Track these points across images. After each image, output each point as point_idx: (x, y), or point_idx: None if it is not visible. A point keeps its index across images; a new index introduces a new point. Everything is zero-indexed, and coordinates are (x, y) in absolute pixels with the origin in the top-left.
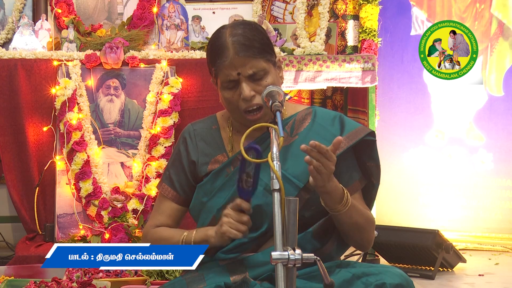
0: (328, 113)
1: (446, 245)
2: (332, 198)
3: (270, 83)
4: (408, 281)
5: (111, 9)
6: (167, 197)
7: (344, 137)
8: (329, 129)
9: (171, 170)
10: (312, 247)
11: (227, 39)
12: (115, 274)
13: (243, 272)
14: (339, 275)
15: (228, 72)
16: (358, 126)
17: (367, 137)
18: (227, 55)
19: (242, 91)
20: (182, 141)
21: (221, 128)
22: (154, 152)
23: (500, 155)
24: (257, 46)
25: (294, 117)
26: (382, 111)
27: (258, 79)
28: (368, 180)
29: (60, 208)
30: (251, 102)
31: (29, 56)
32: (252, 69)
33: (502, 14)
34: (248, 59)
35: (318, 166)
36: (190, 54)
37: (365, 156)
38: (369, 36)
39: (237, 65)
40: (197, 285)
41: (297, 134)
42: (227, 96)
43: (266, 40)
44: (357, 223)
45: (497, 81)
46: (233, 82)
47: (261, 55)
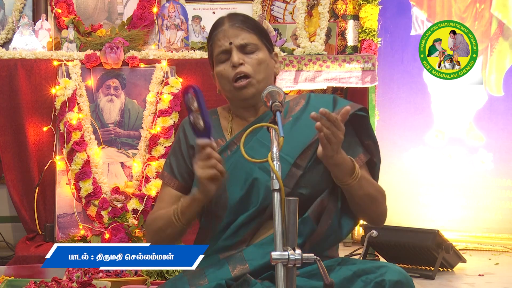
0: (323, 96)
1: (446, 245)
2: (341, 170)
3: (261, 58)
4: (408, 278)
5: (111, 9)
6: (167, 185)
7: (335, 112)
8: (322, 108)
9: (171, 157)
10: (309, 230)
11: (224, 17)
12: (115, 274)
13: (244, 266)
14: (339, 273)
15: (221, 43)
16: (350, 102)
17: (358, 112)
18: (222, 27)
19: (232, 57)
20: (181, 129)
21: (220, 117)
22: (154, 152)
23: (500, 155)
24: (251, 23)
25: (288, 103)
26: (382, 111)
27: (249, 52)
28: (370, 156)
29: (60, 208)
30: (239, 69)
31: (29, 56)
32: (244, 40)
33: (502, 14)
34: (241, 31)
35: (328, 134)
36: (190, 54)
37: (361, 135)
38: (369, 36)
39: (230, 35)
40: (198, 281)
41: (290, 116)
42: (219, 70)
43: (261, 27)
44: (369, 194)
45: (497, 81)
46: (226, 53)
47: (255, 31)
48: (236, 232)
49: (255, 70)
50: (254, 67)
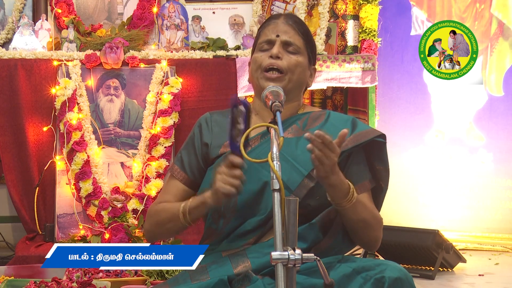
0: (342, 116)
1: (446, 245)
2: (336, 191)
3: (300, 62)
4: (407, 275)
5: (111, 9)
6: (175, 177)
7: (353, 135)
8: (341, 128)
9: (183, 152)
10: (315, 238)
11: (282, 14)
12: (115, 274)
13: (246, 263)
14: (339, 270)
15: (269, 33)
16: (368, 128)
17: (377, 138)
18: (275, 21)
19: (273, 48)
20: (198, 125)
21: None
22: (154, 152)
23: (500, 155)
24: (304, 28)
25: (308, 115)
26: (382, 111)
27: (292, 52)
28: (377, 183)
29: (60, 208)
30: (276, 61)
31: (29, 56)
32: (291, 39)
33: (502, 14)
34: (291, 30)
35: (320, 156)
36: (190, 54)
37: (375, 159)
38: (369, 36)
39: (280, 29)
40: (200, 277)
41: (309, 130)
42: (256, 56)
43: (311, 38)
44: (364, 220)
45: (497, 81)
46: (269, 43)
47: (303, 37)
48: (242, 235)
49: (290, 68)
50: (290, 66)
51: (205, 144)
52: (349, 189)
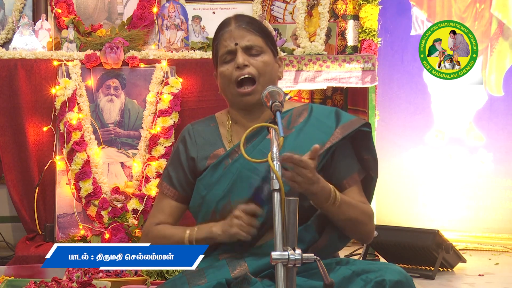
0: (324, 108)
1: (446, 245)
2: (317, 198)
3: (266, 61)
4: (408, 278)
5: (111, 9)
6: (166, 195)
7: (339, 128)
8: (325, 121)
9: (169, 168)
10: (311, 239)
11: (231, 18)
12: (115, 274)
13: (243, 267)
14: (339, 272)
15: (226, 43)
16: (353, 118)
17: (362, 127)
18: (228, 28)
19: (237, 58)
20: (181, 140)
21: (219, 125)
22: (154, 152)
23: (500, 155)
24: (257, 25)
25: (291, 112)
26: (382, 111)
27: (255, 54)
28: (366, 173)
29: (60, 208)
30: (243, 70)
31: (29, 56)
32: (250, 42)
33: (502, 14)
34: (247, 32)
35: (293, 176)
36: (190, 54)
37: (362, 149)
38: (369, 36)
39: (236, 36)
40: (198, 281)
41: (293, 127)
42: (223, 70)
43: (268, 30)
44: (351, 218)
45: (497, 81)
46: (231, 54)
47: (260, 34)
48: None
49: (260, 72)
50: (259, 69)
51: (192, 158)
52: (330, 193)
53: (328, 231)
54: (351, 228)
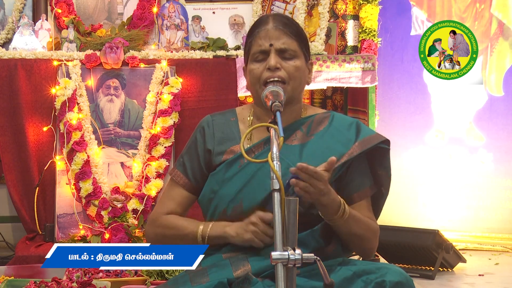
0: (346, 118)
1: (446, 245)
2: (327, 209)
3: (298, 66)
4: (408, 279)
5: (111, 9)
6: (178, 183)
7: (358, 142)
8: (345, 133)
9: (185, 157)
10: (316, 245)
11: (269, 16)
12: (115, 274)
13: (246, 267)
14: (339, 273)
15: (261, 42)
16: (373, 133)
17: (380, 144)
18: (265, 27)
19: (270, 60)
20: (200, 130)
21: (239, 121)
22: (154, 152)
23: (500, 155)
24: (295, 29)
25: (312, 118)
26: (382, 111)
27: (288, 58)
28: (377, 189)
29: (60, 208)
30: (275, 73)
31: (29, 56)
32: (285, 45)
33: (502, 14)
34: (283, 35)
35: (305, 186)
36: (190, 54)
37: (377, 164)
38: (369, 36)
39: (272, 36)
40: (200, 279)
41: (313, 134)
42: (253, 68)
43: (304, 35)
44: (356, 233)
45: (497, 81)
46: (264, 53)
47: (297, 38)
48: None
49: (291, 76)
50: (290, 74)
51: (208, 150)
52: (339, 206)
53: (334, 240)
54: (355, 242)
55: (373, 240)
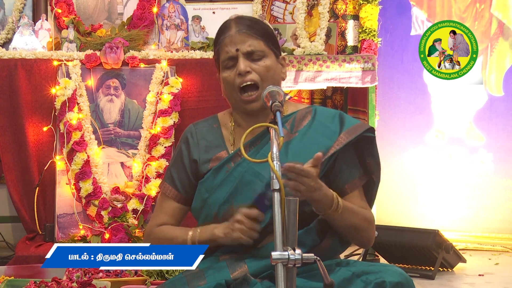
0: (328, 111)
1: (446, 245)
2: (320, 204)
3: (268, 65)
4: (408, 280)
5: (111, 9)
6: (168, 196)
7: (343, 133)
8: (329, 126)
9: (172, 169)
10: (312, 242)
11: (232, 20)
12: (115, 274)
13: (243, 268)
14: (339, 274)
15: (228, 49)
16: (357, 122)
17: (366, 133)
18: (228, 32)
19: (238, 65)
20: (184, 141)
21: (222, 126)
22: (154, 152)
23: (500, 155)
24: (259, 28)
25: (294, 115)
26: (382, 111)
27: (256, 59)
28: (368, 178)
29: (60, 208)
30: (246, 77)
31: (29, 56)
32: (251, 47)
33: (502, 14)
34: (248, 37)
35: (295, 185)
36: (190, 54)
37: (365, 153)
38: (369, 36)
39: (237, 41)
40: (198, 282)
41: (297, 131)
42: (224, 75)
43: (270, 30)
44: (353, 224)
45: (497, 81)
46: (232, 59)
47: (262, 38)
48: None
49: (262, 77)
50: (261, 75)
51: (194, 160)
52: (332, 200)
53: (330, 235)
54: (352, 234)
55: (370, 229)
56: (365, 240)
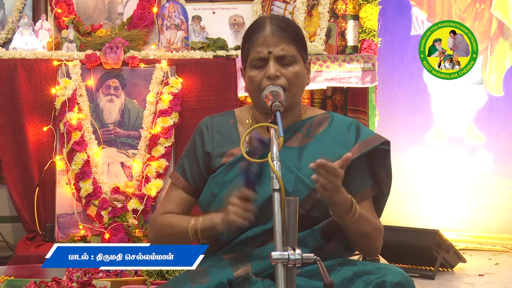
0: (345, 119)
1: (446, 245)
2: (340, 209)
3: (297, 71)
4: (408, 280)
5: (111, 9)
6: (178, 186)
7: (359, 144)
8: (345, 134)
9: (184, 159)
10: (317, 244)
11: (266, 20)
12: (115, 274)
13: (247, 267)
14: (340, 273)
15: (260, 49)
16: (373, 134)
17: (381, 146)
18: (262, 33)
19: (269, 68)
20: (199, 132)
21: (238, 123)
22: (154, 152)
23: (500, 155)
24: (292, 32)
25: (312, 120)
26: (382, 111)
27: (287, 64)
28: (379, 190)
29: (60, 208)
30: (275, 81)
31: (29, 56)
32: (283, 51)
33: (502, 14)
34: (281, 41)
35: (325, 183)
36: (190, 54)
37: (377, 165)
38: (369, 36)
39: (270, 43)
40: (200, 279)
41: (313, 136)
42: (252, 75)
43: (302, 35)
44: (365, 232)
45: (497, 81)
46: (262, 60)
47: (295, 42)
48: (245, 241)
49: (291, 83)
50: (290, 80)
51: (207, 153)
52: (351, 205)
53: (336, 240)
54: (362, 242)
55: (379, 240)
56: (373, 249)
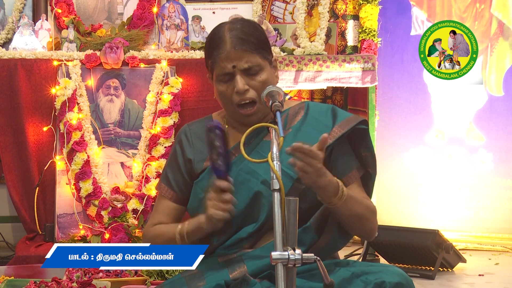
0: (321, 106)
1: (446, 245)
2: (326, 192)
3: (264, 79)
4: (408, 280)
5: (111, 9)
6: (165, 196)
7: (336, 126)
8: (322, 120)
9: (168, 169)
10: (311, 240)
11: (225, 32)
12: (115, 274)
13: (242, 268)
14: (338, 274)
15: (223, 65)
16: (349, 115)
17: (359, 125)
18: (224, 48)
19: (236, 84)
20: (178, 141)
21: None
22: (154, 152)
23: (500, 155)
24: (254, 41)
25: (287, 112)
26: (382, 111)
27: (253, 74)
28: (365, 170)
29: (60, 208)
30: (244, 95)
31: (29, 56)
32: (248, 63)
33: (502, 14)
34: (244, 53)
35: (303, 166)
36: (190, 54)
37: (360, 146)
38: (369, 36)
39: (233, 58)
40: (197, 283)
41: (290, 127)
42: (221, 89)
43: (263, 37)
44: (357, 213)
45: (497, 81)
46: (228, 75)
47: (258, 51)
48: (237, 242)
49: (260, 93)
50: (259, 91)
51: (188, 160)
52: (338, 187)
53: (327, 231)
54: (356, 224)
55: (373, 220)
56: (368, 230)
